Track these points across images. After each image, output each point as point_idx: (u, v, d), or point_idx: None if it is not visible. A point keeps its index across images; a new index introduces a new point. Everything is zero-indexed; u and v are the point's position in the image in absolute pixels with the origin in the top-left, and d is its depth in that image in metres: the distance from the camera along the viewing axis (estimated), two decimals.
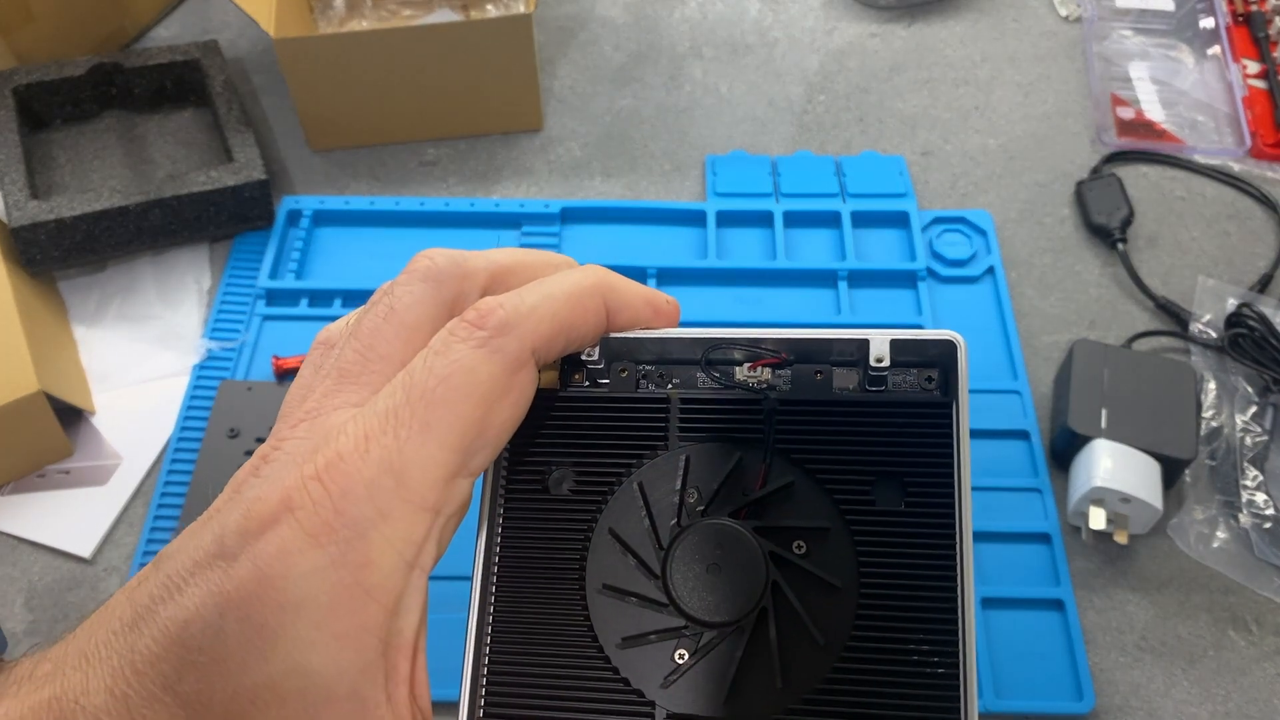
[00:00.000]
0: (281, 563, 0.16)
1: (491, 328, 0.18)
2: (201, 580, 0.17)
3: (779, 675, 0.19)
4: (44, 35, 0.62)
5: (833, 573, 0.19)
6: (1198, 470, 0.48)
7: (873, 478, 0.20)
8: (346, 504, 0.17)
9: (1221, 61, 0.65)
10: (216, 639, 0.16)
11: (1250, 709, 0.43)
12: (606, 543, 0.20)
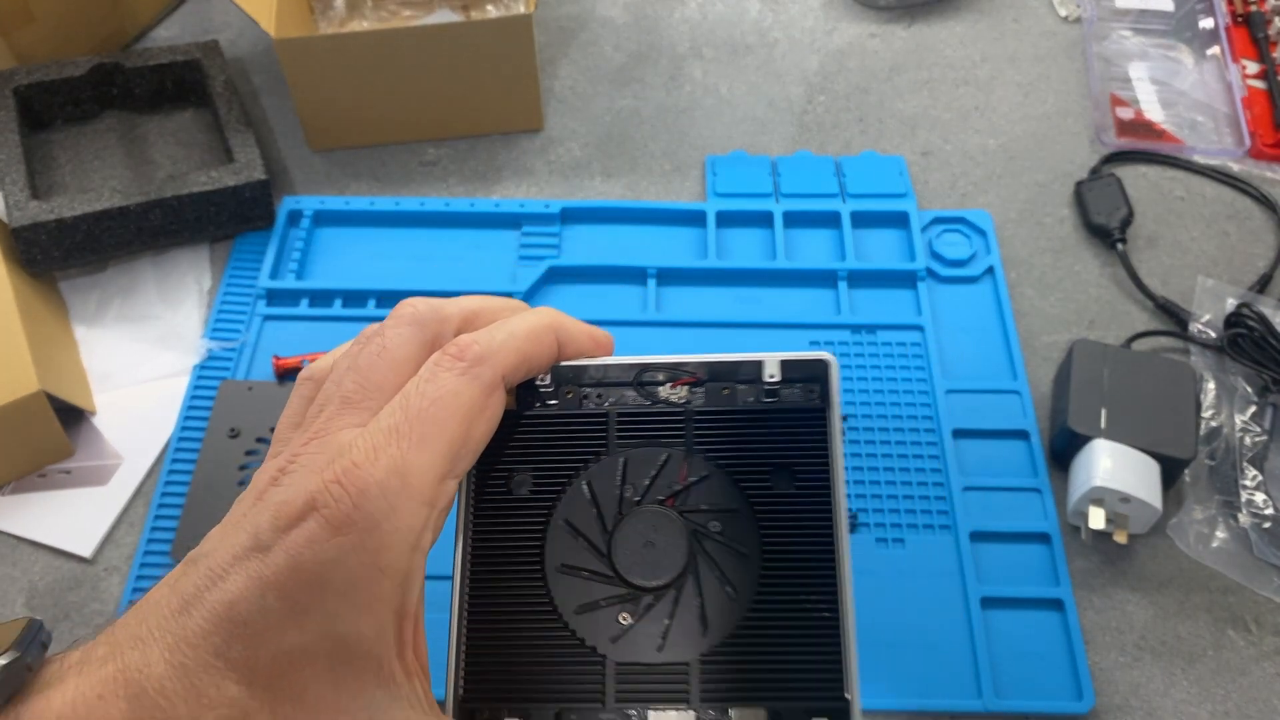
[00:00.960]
0: (310, 550, 0.20)
1: (470, 359, 0.22)
2: (241, 569, 0.20)
3: (701, 625, 0.24)
4: (45, 35, 0.62)
5: (741, 544, 0.24)
6: (1197, 470, 0.49)
7: (769, 469, 0.25)
8: (363, 501, 0.20)
9: (1221, 62, 0.65)
10: (259, 614, 0.20)
11: (1249, 709, 0.43)
12: (561, 531, 0.25)
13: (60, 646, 0.43)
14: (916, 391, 0.51)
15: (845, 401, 0.51)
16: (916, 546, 0.46)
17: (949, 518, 0.47)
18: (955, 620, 0.44)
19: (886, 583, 0.45)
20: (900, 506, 0.48)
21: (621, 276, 0.56)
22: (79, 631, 0.44)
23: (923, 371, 0.52)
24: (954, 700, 0.42)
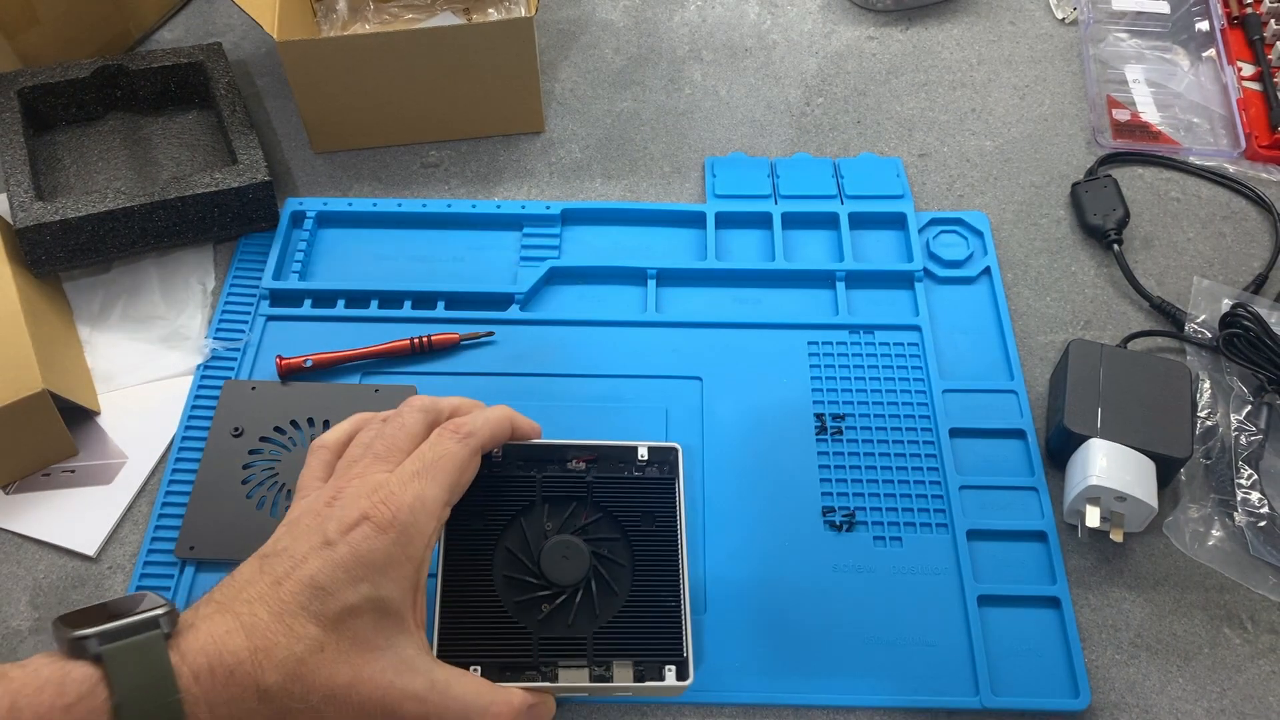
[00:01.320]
0: (365, 544, 0.32)
1: (463, 433, 0.36)
2: (317, 557, 0.32)
3: (594, 611, 0.38)
4: (49, 38, 0.63)
5: (621, 560, 0.39)
6: (1193, 469, 0.49)
7: (639, 515, 0.40)
8: (400, 513, 0.33)
9: (1217, 64, 0.66)
10: (330, 583, 0.32)
11: (1245, 706, 0.43)
12: (505, 553, 0.39)
13: None
14: (914, 391, 0.52)
15: (844, 400, 0.51)
16: (913, 545, 0.47)
17: (946, 516, 0.47)
18: (952, 618, 0.45)
19: (884, 581, 0.46)
20: (898, 505, 0.48)
21: (621, 277, 0.56)
22: None
23: (920, 371, 0.52)
24: (951, 697, 0.43)
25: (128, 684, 0.28)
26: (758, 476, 0.49)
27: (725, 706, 0.43)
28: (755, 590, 0.45)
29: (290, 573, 0.32)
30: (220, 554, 0.46)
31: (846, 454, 0.49)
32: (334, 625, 0.31)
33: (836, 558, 0.46)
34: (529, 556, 0.38)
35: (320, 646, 0.31)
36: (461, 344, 0.53)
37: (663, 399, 0.51)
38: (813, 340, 0.54)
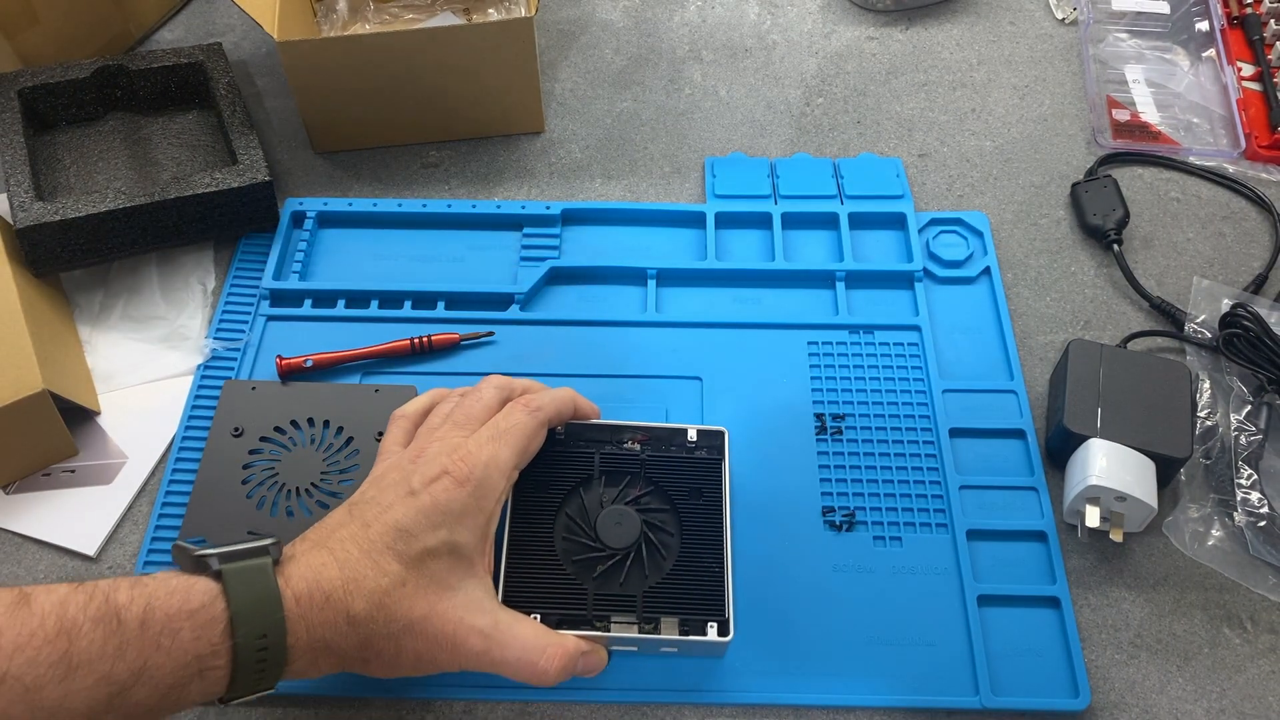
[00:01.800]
0: (445, 494, 0.37)
1: (533, 408, 0.41)
2: (402, 504, 0.37)
3: (644, 573, 0.42)
4: (49, 38, 0.63)
5: (670, 529, 0.43)
6: (1192, 469, 0.49)
7: (687, 490, 0.44)
8: (475, 470, 0.38)
9: (1216, 64, 0.66)
10: (413, 526, 0.36)
11: (1245, 706, 0.43)
12: (565, 518, 0.43)
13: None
14: (914, 391, 0.52)
15: (844, 400, 0.51)
16: (913, 545, 0.47)
17: (946, 516, 0.47)
18: (952, 618, 0.45)
19: (884, 581, 0.46)
20: (898, 505, 0.48)
21: (622, 277, 0.56)
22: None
23: (920, 371, 0.52)
24: (951, 697, 0.43)
25: (242, 598, 0.32)
26: (757, 476, 0.49)
27: (725, 706, 0.43)
28: (755, 590, 0.45)
29: (378, 517, 0.36)
30: None
31: (846, 454, 0.50)
32: (415, 564, 0.36)
33: (836, 558, 0.46)
34: (586, 522, 0.43)
35: (402, 582, 0.35)
36: (462, 344, 0.53)
37: (663, 399, 0.51)
38: (813, 340, 0.54)
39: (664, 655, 0.43)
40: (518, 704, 0.43)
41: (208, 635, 0.32)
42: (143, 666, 0.30)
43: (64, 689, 0.29)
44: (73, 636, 0.29)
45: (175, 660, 0.31)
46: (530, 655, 0.37)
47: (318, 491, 0.47)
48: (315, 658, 0.35)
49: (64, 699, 0.29)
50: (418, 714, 0.43)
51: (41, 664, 0.28)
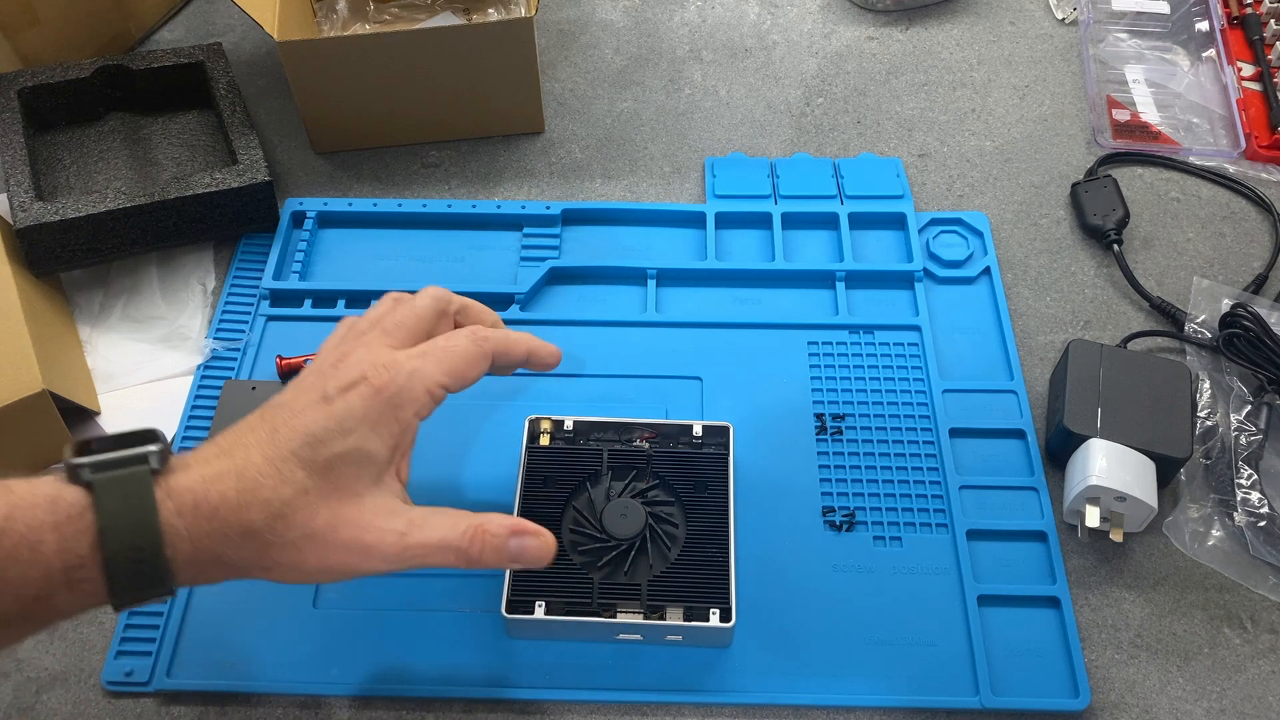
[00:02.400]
0: (360, 401, 0.35)
1: (479, 338, 0.39)
2: (313, 410, 0.35)
3: (651, 562, 0.43)
4: (49, 38, 0.63)
5: (675, 521, 0.45)
6: (1192, 469, 0.49)
7: (693, 484, 0.45)
8: (397, 378, 0.36)
9: (1216, 64, 0.66)
10: (323, 433, 0.34)
11: (1245, 706, 0.43)
12: (572, 511, 0.45)
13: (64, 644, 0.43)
14: (914, 391, 0.52)
15: (844, 400, 0.51)
16: (913, 545, 0.47)
17: (946, 516, 0.47)
18: (952, 618, 0.45)
19: (884, 581, 0.46)
20: (898, 505, 0.48)
21: (622, 277, 0.56)
22: (83, 630, 0.45)
23: (920, 371, 0.52)
24: (951, 697, 0.43)
25: (112, 510, 0.31)
26: (757, 476, 0.48)
27: (725, 706, 0.43)
28: (755, 590, 0.45)
29: (287, 422, 0.35)
30: None
31: (846, 454, 0.50)
32: (320, 471, 0.34)
33: (836, 558, 0.46)
34: (592, 514, 0.44)
35: (305, 490, 0.34)
36: None
37: (663, 399, 0.51)
38: (813, 340, 0.54)
39: (669, 649, 0.43)
40: (518, 703, 0.43)
41: (74, 547, 0.30)
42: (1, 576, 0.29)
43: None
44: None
45: (37, 570, 0.30)
46: (450, 539, 0.36)
47: None
48: (204, 568, 0.33)
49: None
50: (418, 714, 0.43)
51: None
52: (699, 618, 0.42)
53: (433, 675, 0.43)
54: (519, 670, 0.43)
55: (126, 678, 0.43)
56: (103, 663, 0.43)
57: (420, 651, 0.44)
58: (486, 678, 0.43)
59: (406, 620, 0.44)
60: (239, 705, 0.43)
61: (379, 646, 0.44)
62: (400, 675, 0.43)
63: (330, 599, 0.45)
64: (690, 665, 0.43)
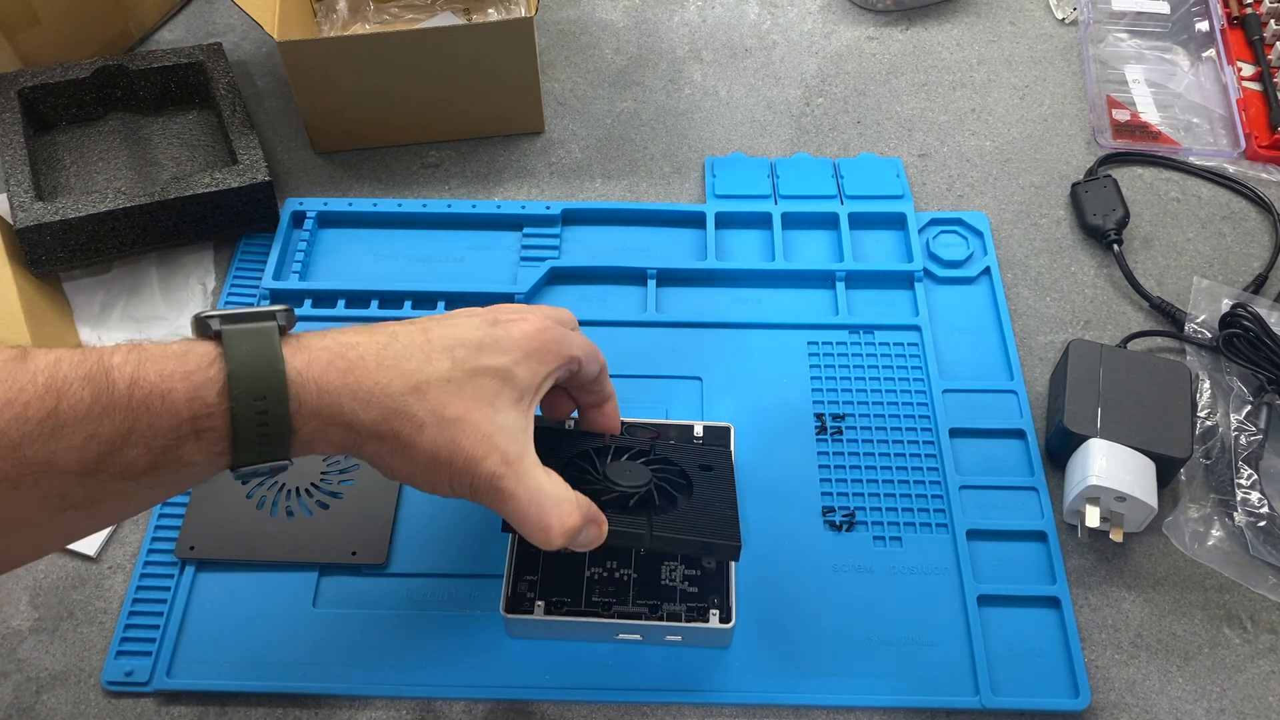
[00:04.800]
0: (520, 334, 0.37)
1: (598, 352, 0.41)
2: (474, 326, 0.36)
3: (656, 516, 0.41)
4: (49, 38, 0.63)
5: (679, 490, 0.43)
6: (1192, 469, 0.49)
7: (698, 466, 0.44)
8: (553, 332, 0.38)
9: (1217, 64, 0.66)
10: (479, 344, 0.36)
11: (1245, 706, 0.43)
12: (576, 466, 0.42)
13: (64, 644, 0.43)
14: (914, 391, 0.52)
15: (844, 400, 0.51)
16: (913, 545, 0.47)
17: (946, 516, 0.47)
18: (952, 618, 0.45)
19: (884, 581, 0.46)
20: (898, 505, 0.48)
21: (622, 277, 0.56)
22: (83, 630, 0.45)
23: (920, 371, 0.52)
24: (951, 697, 0.43)
25: (240, 358, 0.31)
26: (757, 476, 0.49)
27: (725, 706, 0.43)
28: (755, 590, 0.45)
29: (443, 325, 0.36)
30: (220, 554, 0.46)
31: (846, 454, 0.50)
32: (467, 372, 0.34)
33: (836, 558, 0.46)
34: (595, 469, 0.42)
35: (448, 378, 0.34)
36: None
37: (663, 399, 0.51)
38: (813, 340, 0.54)
39: (669, 649, 0.43)
40: (518, 703, 0.43)
41: (203, 395, 0.31)
42: (131, 426, 0.29)
43: (51, 446, 0.28)
44: (61, 394, 0.29)
45: (167, 420, 0.30)
46: (544, 504, 0.35)
47: (318, 491, 0.47)
48: (324, 426, 0.33)
49: (52, 456, 0.28)
50: (417, 714, 0.43)
51: (30, 420, 0.28)
52: (698, 618, 0.42)
53: (433, 675, 0.43)
54: (519, 670, 0.43)
55: (126, 678, 0.43)
56: (103, 663, 0.43)
57: (420, 651, 0.44)
58: (486, 678, 0.43)
59: (406, 620, 0.44)
60: (239, 705, 0.43)
61: (379, 646, 0.44)
62: (400, 675, 0.43)
63: (330, 599, 0.45)
64: (690, 665, 0.43)
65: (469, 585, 0.45)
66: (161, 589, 0.45)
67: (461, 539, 0.47)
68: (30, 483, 0.28)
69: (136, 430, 0.30)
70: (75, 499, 0.29)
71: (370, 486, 0.48)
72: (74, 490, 0.29)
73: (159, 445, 0.30)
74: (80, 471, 0.29)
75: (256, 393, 0.31)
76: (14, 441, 0.28)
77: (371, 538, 0.46)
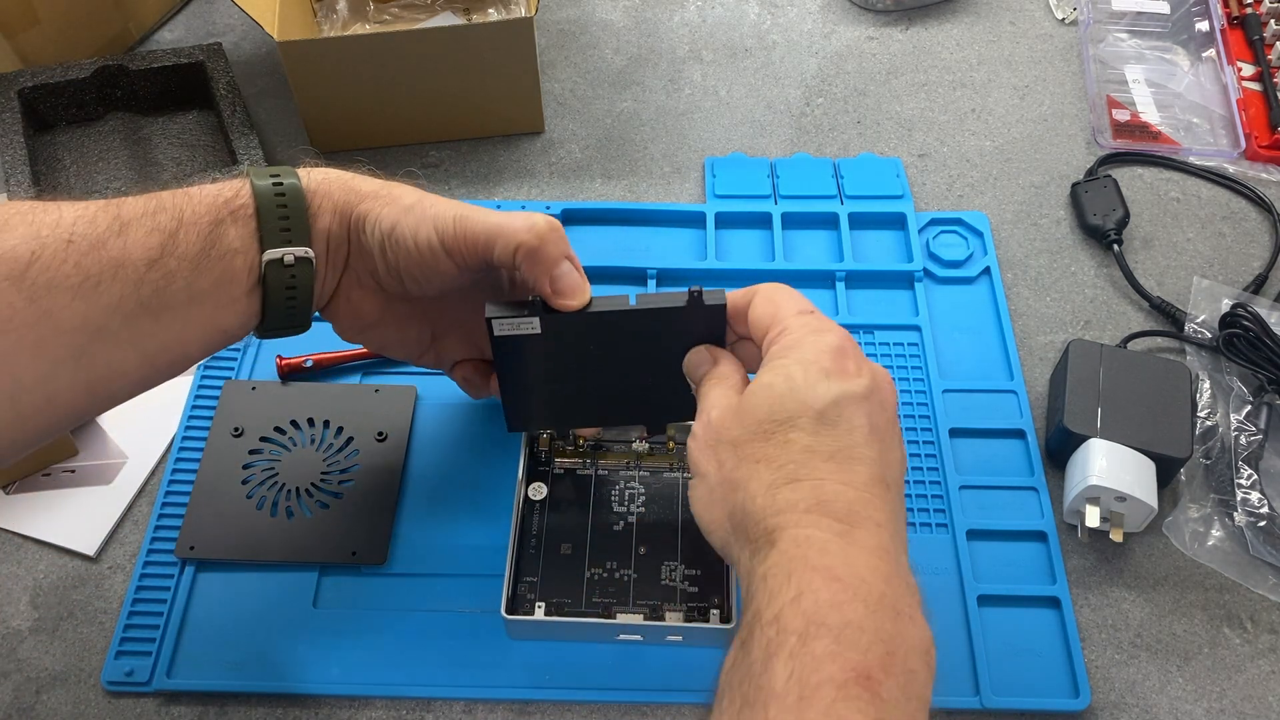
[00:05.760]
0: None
1: None
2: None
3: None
4: (49, 38, 0.63)
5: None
6: (1192, 469, 0.49)
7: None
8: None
9: (1216, 64, 0.66)
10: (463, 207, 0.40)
11: (1245, 706, 0.43)
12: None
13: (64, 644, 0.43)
14: (914, 391, 0.52)
15: None
16: (914, 545, 0.47)
17: (946, 516, 0.47)
18: (952, 618, 0.45)
19: None
20: None
21: (622, 277, 0.56)
22: (83, 630, 0.45)
23: (920, 371, 0.52)
24: (951, 698, 0.43)
25: (262, 182, 0.37)
26: None
27: None
28: None
29: None
30: (220, 554, 0.46)
31: None
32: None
33: None
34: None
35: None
36: None
37: None
38: None
39: (669, 649, 0.43)
40: (518, 703, 0.43)
41: (231, 185, 0.37)
42: (181, 215, 0.35)
43: (122, 241, 0.34)
44: (120, 204, 0.35)
45: (206, 204, 0.36)
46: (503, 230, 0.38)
47: (318, 491, 0.47)
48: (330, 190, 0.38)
49: (124, 250, 0.34)
50: (417, 714, 0.43)
51: (100, 224, 0.34)
52: (699, 618, 0.42)
53: (433, 675, 0.43)
54: (519, 670, 0.43)
55: (126, 678, 0.43)
56: (103, 663, 0.43)
57: (420, 651, 0.44)
58: (486, 678, 0.43)
59: (406, 620, 0.44)
60: (239, 705, 0.43)
61: (379, 646, 0.44)
62: (400, 675, 0.43)
63: (330, 599, 0.45)
64: (691, 665, 0.43)
65: (469, 585, 0.45)
66: (161, 589, 0.45)
67: (461, 539, 0.47)
68: (110, 277, 0.33)
69: (185, 217, 0.35)
70: (145, 295, 0.34)
71: (370, 486, 0.48)
72: (145, 280, 0.34)
73: (204, 226, 0.36)
74: (148, 260, 0.34)
75: (272, 174, 0.38)
76: (92, 243, 0.33)
77: (371, 538, 0.46)
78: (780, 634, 0.27)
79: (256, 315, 0.38)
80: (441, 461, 0.49)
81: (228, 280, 0.36)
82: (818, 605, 0.27)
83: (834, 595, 0.27)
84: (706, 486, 0.35)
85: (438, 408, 0.51)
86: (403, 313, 0.43)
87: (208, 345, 0.38)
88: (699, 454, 0.36)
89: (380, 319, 0.42)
